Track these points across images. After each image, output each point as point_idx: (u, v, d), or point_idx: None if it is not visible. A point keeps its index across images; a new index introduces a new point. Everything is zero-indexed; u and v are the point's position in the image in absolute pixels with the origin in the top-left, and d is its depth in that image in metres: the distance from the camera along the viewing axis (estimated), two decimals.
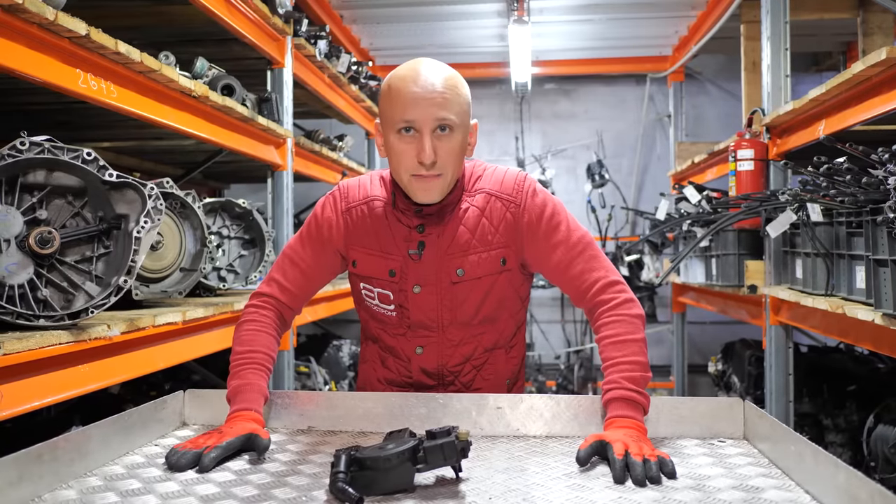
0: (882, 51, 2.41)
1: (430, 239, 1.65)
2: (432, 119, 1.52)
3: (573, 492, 1.21)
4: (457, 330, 1.68)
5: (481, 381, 1.73)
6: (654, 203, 5.55)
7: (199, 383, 3.49)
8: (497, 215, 1.66)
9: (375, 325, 1.76)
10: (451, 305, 1.66)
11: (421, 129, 1.53)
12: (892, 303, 2.20)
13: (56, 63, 1.93)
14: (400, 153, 1.56)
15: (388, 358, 1.76)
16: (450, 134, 1.55)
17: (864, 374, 3.74)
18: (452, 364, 1.71)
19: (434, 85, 1.53)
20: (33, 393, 1.75)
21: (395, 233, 1.67)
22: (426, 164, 1.53)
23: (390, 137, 1.57)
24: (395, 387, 1.75)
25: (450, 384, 1.73)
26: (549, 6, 5.36)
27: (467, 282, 1.65)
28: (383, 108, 1.59)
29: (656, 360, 6.94)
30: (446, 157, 1.55)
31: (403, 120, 1.53)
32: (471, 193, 1.67)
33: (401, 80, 1.55)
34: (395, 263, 1.66)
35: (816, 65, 6.36)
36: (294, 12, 3.52)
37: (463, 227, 1.64)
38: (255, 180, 5.55)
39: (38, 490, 1.18)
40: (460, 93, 1.57)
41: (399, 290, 1.67)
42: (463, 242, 1.64)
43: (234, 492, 1.21)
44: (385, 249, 1.67)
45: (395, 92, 1.55)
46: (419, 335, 1.70)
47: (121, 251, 1.89)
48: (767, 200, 3.25)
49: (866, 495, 1.00)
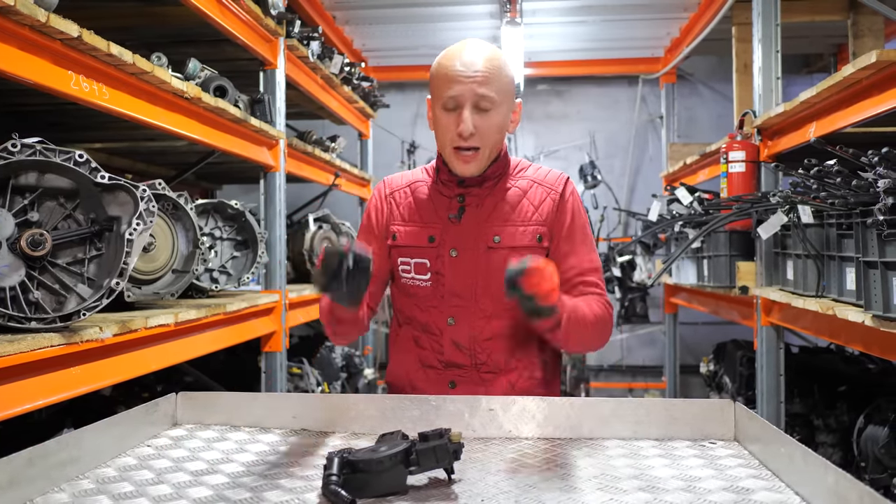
0: (872, 54, 2.42)
1: (471, 207, 1.76)
2: (472, 95, 1.65)
3: (565, 493, 1.21)
4: (490, 301, 1.73)
5: (515, 361, 1.76)
6: (647, 204, 5.57)
7: (191, 385, 3.48)
8: (538, 198, 1.76)
9: (408, 302, 1.80)
10: (486, 272, 1.72)
11: (462, 105, 1.66)
12: (881, 304, 2.21)
13: (48, 65, 1.92)
14: (443, 126, 1.69)
15: (422, 336, 1.79)
16: (490, 111, 1.67)
17: (854, 374, 3.76)
18: (484, 337, 1.74)
19: (476, 63, 1.66)
20: (25, 395, 1.74)
21: (437, 204, 1.78)
22: (464, 136, 1.65)
23: (436, 112, 1.71)
24: (428, 368, 1.77)
25: (482, 364, 1.74)
26: (541, 7, 5.37)
27: (503, 250, 1.72)
28: (432, 85, 1.72)
29: (649, 360, 6.98)
30: (485, 132, 1.67)
31: (447, 96, 1.66)
32: (514, 178, 1.79)
33: (447, 59, 1.69)
34: (435, 230, 1.76)
35: (807, 67, 6.39)
36: (287, 13, 3.51)
37: (504, 201, 1.76)
38: (248, 181, 5.54)
39: (30, 494, 1.18)
40: (503, 72, 1.69)
41: (436, 256, 1.75)
42: (503, 213, 1.75)
43: (227, 494, 1.21)
44: (425, 220, 1.78)
45: (442, 69, 1.69)
46: (452, 305, 1.74)
47: (113, 253, 1.89)
48: (759, 202, 3.27)
49: (855, 497, 1.01)
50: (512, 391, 1.73)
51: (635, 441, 1.51)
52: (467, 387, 1.74)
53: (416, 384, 1.78)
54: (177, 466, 1.35)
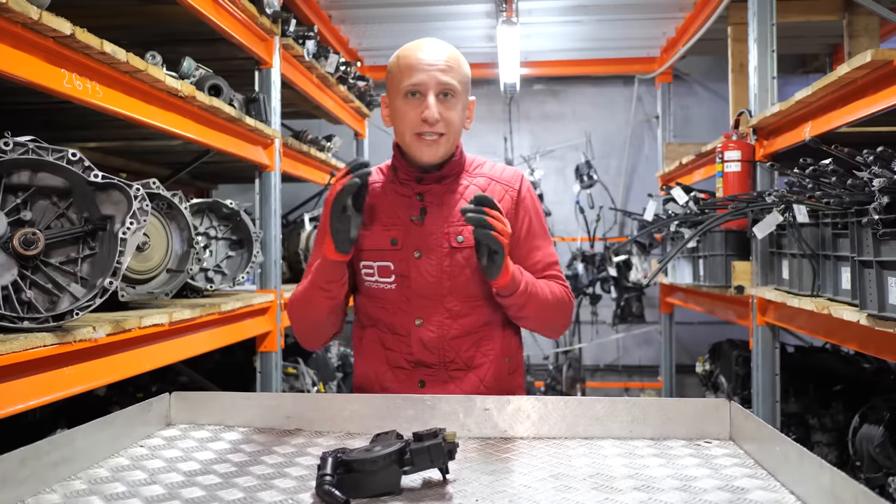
0: (867, 53, 2.43)
1: (432, 207, 1.76)
2: (436, 83, 1.68)
3: (560, 493, 1.21)
4: (456, 300, 1.74)
5: (482, 357, 1.76)
6: (642, 204, 5.57)
7: (186, 385, 3.47)
8: (497, 196, 1.78)
9: (373, 305, 1.79)
10: (451, 272, 1.73)
11: (426, 93, 1.68)
12: (877, 303, 2.21)
13: (41, 63, 1.91)
14: (405, 114, 1.70)
15: (388, 337, 1.78)
16: (452, 99, 1.70)
17: (849, 374, 3.77)
18: (452, 336, 1.74)
19: (439, 53, 1.70)
20: (17, 396, 1.73)
21: (397, 205, 1.78)
22: (430, 122, 1.67)
23: (397, 103, 1.72)
24: (397, 369, 1.76)
25: (450, 362, 1.75)
26: (537, 7, 5.37)
27: (466, 249, 1.73)
28: (391, 79, 1.74)
29: (644, 360, 6.98)
30: (449, 119, 1.70)
31: (410, 84, 1.68)
32: (472, 175, 1.82)
33: (408, 51, 1.73)
34: (398, 232, 1.76)
35: (803, 66, 6.40)
36: (282, 12, 3.51)
37: (464, 200, 1.75)
38: (243, 181, 5.53)
39: (22, 494, 1.17)
40: (462, 65, 1.74)
41: (400, 258, 1.74)
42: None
43: (220, 495, 1.20)
44: (386, 222, 1.77)
45: (403, 60, 1.71)
46: (419, 306, 1.74)
47: (106, 252, 1.88)
48: (754, 202, 3.27)
49: (851, 496, 1.01)
50: (481, 386, 1.75)
51: (631, 441, 1.51)
52: (437, 385, 1.74)
53: (385, 385, 1.77)
54: (170, 467, 1.35)
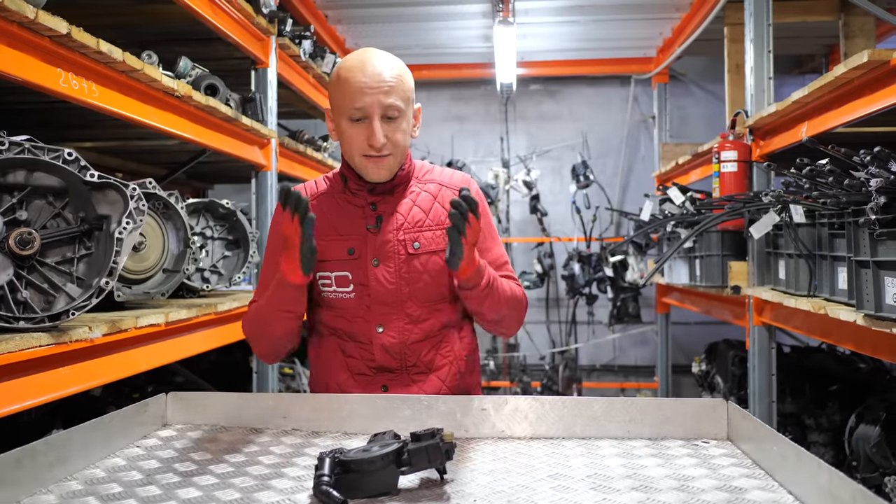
0: (864, 54, 2.43)
1: (386, 215, 1.76)
2: (380, 106, 1.66)
3: (558, 493, 1.21)
4: (416, 305, 1.75)
5: (442, 359, 1.78)
6: (639, 204, 5.58)
7: (182, 385, 3.47)
8: (449, 201, 1.74)
9: (332, 316, 1.78)
10: (410, 279, 1.74)
11: (370, 116, 1.66)
12: (873, 304, 2.21)
13: (36, 62, 1.91)
14: (351, 137, 1.69)
15: (349, 345, 1.77)
16: (397, 119, 1.69)
17: (845, 374, 3.77)
18: (413, 340, 1.75)
19: (381, 74, 1.66)
20: (13, 396, 1.73)
21: (351, 215, 1.77)
22: (376, 147, 1.67)
23: (342, 124, 1.70)
24: (359, 376, 1.76)
25: (412, 366, 1.76)
26: (534, 7, 5.37)
27: (423, 255, 1.75)
28: (334, 97, 1.72)
29: (641, 360, 6.98)
30: (395, 140, 1.69)
31: (354, 108, 1.66)
32: (422, 182, 1.82)
33: (349, 71, 1.68)
34: (354, 242, 1.75)
35: (799, 67, 6.41)
36: (278, 12, 3.51)
37: (417, 207, 1.78)
38: (240, 181, 5.51)
39: (17, 495, 1.17)
40: (404, 80, 1.71)
41: (358, 267, 1.74)
42: (417, 220, 1.77)
43: (217, 496, 1.20)
44: (341, 232, 1.76)
45: (345, 82, 1.67)
46: (379, 313, 1.74)
47: (102, 252, 1.87)
48: (751, 202, 3.27)
49: (848, 495, 1.01)
50: (443, 387, 1.77)
51: (628, 440, 1.51)
52: (399, 389, 1.74)
53: (347, 392, 1.75)
54: (166, 467, 1.34)
